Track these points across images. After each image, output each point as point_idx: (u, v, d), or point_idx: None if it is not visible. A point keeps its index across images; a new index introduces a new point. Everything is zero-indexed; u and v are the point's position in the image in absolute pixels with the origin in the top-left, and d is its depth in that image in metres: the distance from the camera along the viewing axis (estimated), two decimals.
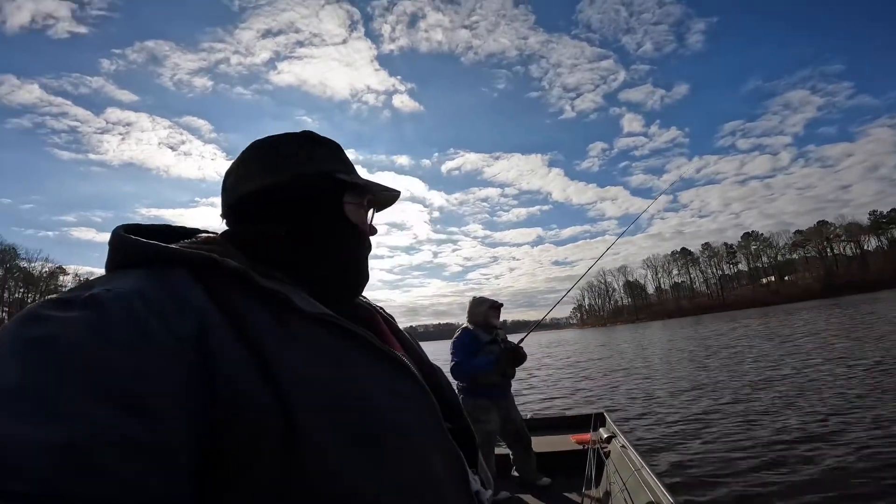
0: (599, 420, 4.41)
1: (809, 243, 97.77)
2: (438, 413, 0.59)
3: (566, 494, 3.41)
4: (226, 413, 0.43)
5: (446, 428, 0.59)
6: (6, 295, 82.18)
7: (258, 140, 0.70)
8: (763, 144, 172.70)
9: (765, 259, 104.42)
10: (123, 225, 0.57)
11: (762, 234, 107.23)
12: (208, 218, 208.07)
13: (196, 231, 0.68)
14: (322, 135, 0.74)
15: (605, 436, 3.85)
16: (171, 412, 0.40)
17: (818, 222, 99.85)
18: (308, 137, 0.72)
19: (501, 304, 3.64)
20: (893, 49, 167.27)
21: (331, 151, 0.72)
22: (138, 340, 0.41)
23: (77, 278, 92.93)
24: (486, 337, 3.47)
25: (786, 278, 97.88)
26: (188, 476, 0.40)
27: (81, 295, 0.44)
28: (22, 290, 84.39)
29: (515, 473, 3.66)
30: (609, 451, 3.52)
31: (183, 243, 0.59)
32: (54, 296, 0.45)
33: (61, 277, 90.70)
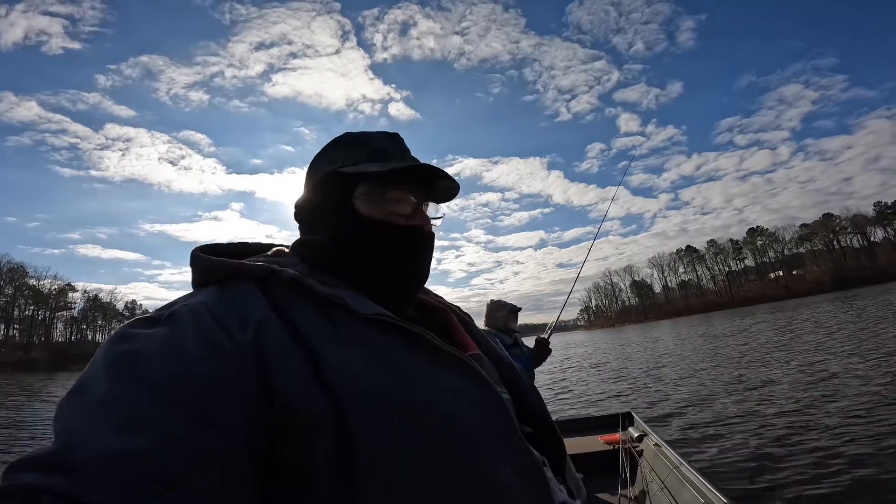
0: (627, 419, 4.34)
1: (816, 237, 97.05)
2: (510, 417, 0.55)
3: (600, 495, 3.31)
4: (282, 420, 0.45)
5: (521, 433, 0.56)
6: (16, 313, 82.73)
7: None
8: (761, 140, 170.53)
9: (771, 254, 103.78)
10: (200, 246, 0.62)
11: (767, 228, 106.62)
12: (213, 232, 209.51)
13: (271, 246, 0.72)
14: (375, 131, 0.72)
15: (636, 435, 3.77)
16: (234, 421, 0.43)
17: (823, 215, 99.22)
18: (332, 141, 0.72)
19: (520, 309, 3.61)
20: (885, 41, 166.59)
21: (350, 147, 0.70)
22: (205, 351, 0.45)
23: (86, 295, 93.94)
24: (509, 340, 3.43)
25: (794, 272, 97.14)
26: (252, 485, 0.42)
27: (165, 312, 0.50)
28: (32, 307, 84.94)
29: None
30: (642, 450, 3.44)
31: (252, 258, 0.62)
32: (146, 314, 0.51)
33: (70, 294, 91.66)
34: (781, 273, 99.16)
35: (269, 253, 0.68)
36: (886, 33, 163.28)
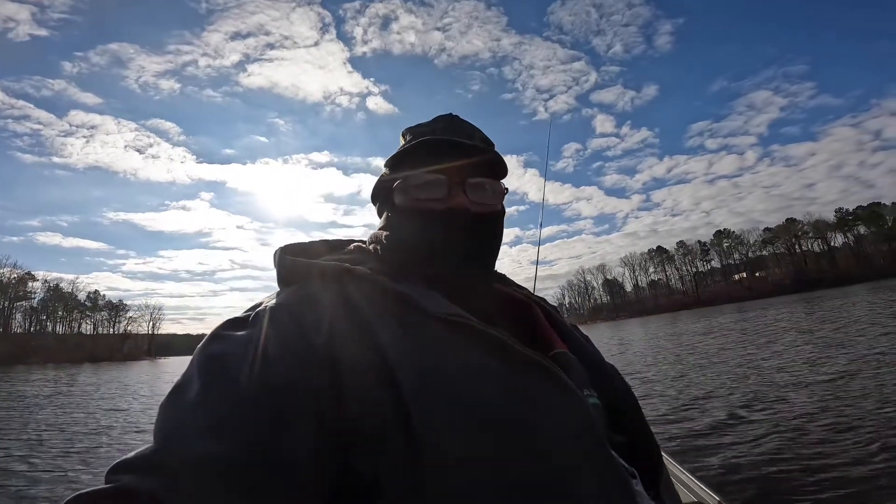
0: None
1: (779, 240, 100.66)
2: (594, 425, 0.51)
3: None
4: (353, 424, 0.45)
5: (607, 441, 0.51)
6: None
7: None
8: (730, 144, 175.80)
9: (737, 256, 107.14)
10: (283, 246, 0.62)
11: (733, 231, 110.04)
12: (180, 222, 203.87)
13: (352, 241, 0.72)
14: (416, 124, 0.72)
15: None
16: (307, 426, 0.44)
17: (786, 220, 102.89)
18: (403, 132, 0.73)
19: None
20: (854, 49, 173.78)
21: (413, 135, 0.69)
22: (283, 354, 0.47)
23: (46, 284, 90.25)
24: None
25: (757, 274, 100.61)
26: (324, 489, 0.44)
27: (251, 313, 0.52)
28: None
29: None
30: None
31: (329, 256, 0.63)
32: (236, 315, 0.53)
33: (30, 284, 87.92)
34: (745, 275, 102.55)
35: (351, 247, 0.68)
36: (854, 42, 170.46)
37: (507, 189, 0.69)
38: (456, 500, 0.43)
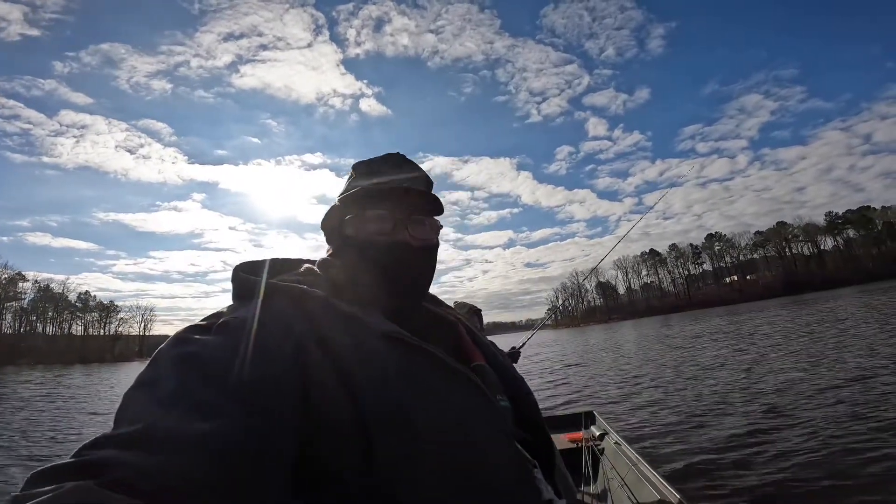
0: (589, 418, 4.50)
1: (769, 243, 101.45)
2: (506, 426, 0.63)
3: None
4: (316, 421, 0.53)
5: (514, 438, 0.64)
6: None
7: None
8: (721, 148, 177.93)
9: (728, 259, 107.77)
10: (240, 264, 0.70)
11: (725, 234, 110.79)
12: (172, 223, 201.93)
13: (303, 261, 0.80)
14: (376, 156, 0.82)
15: (598, 433, 3.93)
16: (285, 416, 0.50)
17: (777, 223, 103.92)
18: (354, 166, 0.83)
19: (480, 310, 3.77)
20: (843, 53, 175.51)
21: (363, 172, 0.79)
22: (260, 356, 0.53)
23: (37, 285, 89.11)
24: None
25: (748, 277, 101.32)
26: (292, 471, 0.50)
27: (215, 322, 0.57)
28: None
29: None
30: (603, 448, 3.60)
31: (283, 276, 0.70)
32: (197, 322, 0.58)
33: (21, 284, 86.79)
34: (736, 277, 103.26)
35: (301, 270, 0.75)
36: (844, 46, 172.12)
37: (441, 225, 0.79)
38: (402, 488, 0.51)
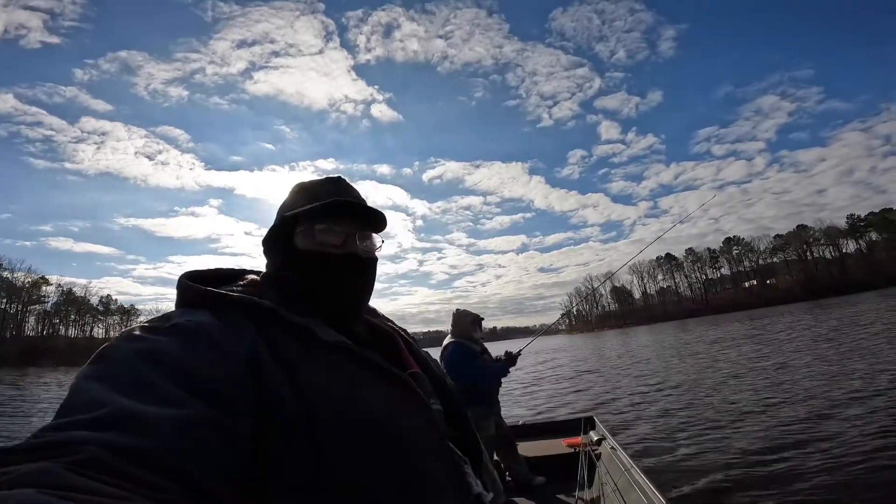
0: (589, 424, 4.52)
1: (790, 247, 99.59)
2: (437, 422, 0.70)
3: (559, 496, 3.51)
4: (266, 415, 0.56)
5: (446, 436, 0.71)
6: None
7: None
8: (738, 150, 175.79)
9: (747, 263, 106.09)
10: (186, 273, 0.72)
11: (743, 238, 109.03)
12: (189, 228, 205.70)
13: (244, 272, 0.83)
14: (317, 178, 0.86)
15: (596, 438, 3.95)
16: (241, 408, 0.53)
17: (797, 226, 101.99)
18: (295, 187, 0.86)
19: (483, 318, 3.83)
20: (860, 53, 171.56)
21: (297, 194, 0.83)
22: (217, 354, 0.56)
23: (59, 289, 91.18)
24: (477, 349, 3.65)
25: (768, 282, 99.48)
26: (246, 461, 0.52)
27: (165, 324, 0.59)
28: (4, 299, 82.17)
29: (509, 478, 3.74)
30: (600, 454, 3.63)
31: (231, 287, 0.73)
32: (142, 323, 0.59)
33: (44, 288, 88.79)
34: (755, 282, 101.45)
35: (245, 281, 0.78)
36: (861, 46, 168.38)
37: (383, 241, 0.85)
38: (347, 479, 0.57)
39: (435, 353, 3.73)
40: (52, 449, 0.39)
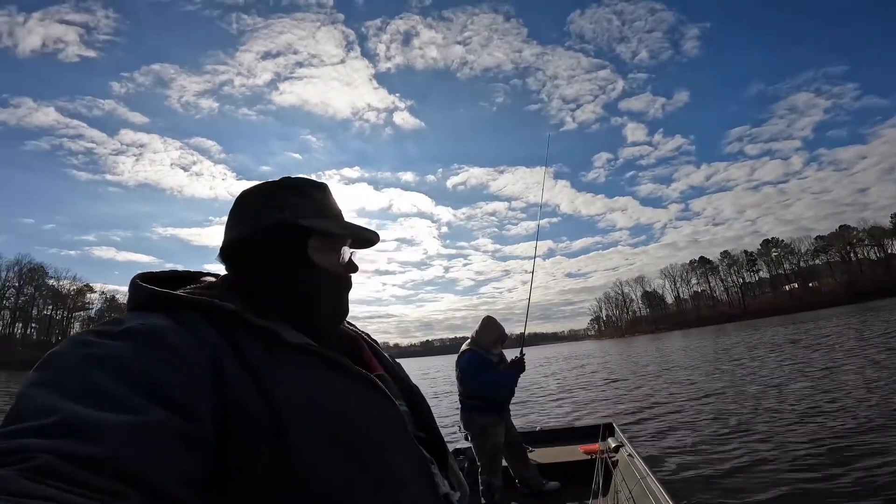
0: (608, 430, 4.46)
1: (832, 248, 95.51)
2: (405, 422, 0.70)
3: (574, 503, 3.46)
4: (231, 419, 0.54)
5: (413, 435, 0.71)
6: (35, 312, 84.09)
7: (245, 189, 0.80)
8: (772, 149, 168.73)
9: (787, 265, 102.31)
10: (139, 274, 0.70)
11: (783, 240, 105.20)
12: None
13: (200, 274, 0.81)
14: (308, 179, 0.82)
15: (613, 445, 3.89)
16: (201, 412, 0.51)
17: (840, 227, 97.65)
18: (284, 185, 0.79)
19: (507, 338, 3.84)
20: (894, 49, 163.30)
21: (307, 197, 0.79)
22: (174, 358, 0.53)
23: (104, 296, 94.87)
24: (494, 358, 3.65)
25: (809, 284, 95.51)
26: (209, 466, 0.51)
27: (116, 328, 0.55)
28: (50, 307, 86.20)
29: (518, 485, 3.71)
30: (617, 461, 3.58)
31: (189, 289, 0.71)
32: (92, 328, 0.56)
33: (88, 295, 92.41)
34: (796, 285, 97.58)
35: (202, 283, 0.76)
36: (894, 41, 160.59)
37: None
38: (316, 476, 0.56)
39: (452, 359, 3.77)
40: (2, 457, 0.38)
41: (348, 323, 0.93)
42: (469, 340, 3.73)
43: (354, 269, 0.81)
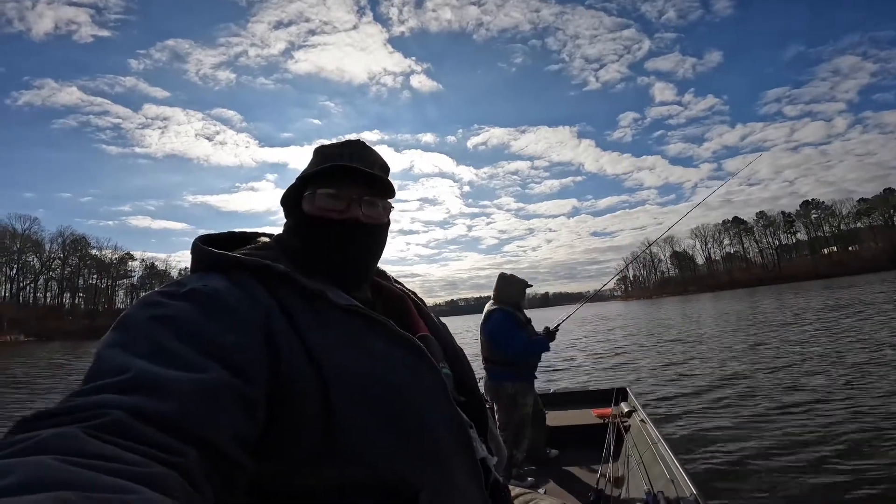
0: (621, 395, 4.41)
1: (875, 212, 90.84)
2: (447, 387, 0.70)
3: (585, 467, 3.47)
4: (283, 384, 0.56)
5: (454, 400, 0.71)
6: (81, 282, 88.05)
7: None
8: (813, 111, 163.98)
9: (826, 228, 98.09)
10: (200, 237, 0.73)
11: (823, 202, 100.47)
12: (250, 202, 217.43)
13: (257, 235, 0.83)
14: (331, 142, 0.84)
15: (626, 410, 3.85)
16: (257, 374, 0.54)
17: (884, 190, 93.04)
18: (316, 149, 0.84)
19: (531, 285, 3.66)
20: None
21: (319, 154, 0.82)
22: (232, 319, 0.56)
23: (143, 263, 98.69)
24: (523, 318, 3.50)
25: (850, 248, 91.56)
26: (260, 428, 0.53)
27: (181, 289, 0.59)
28: (95, 276, 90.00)
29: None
30: (629, 426, 3.54)
31: (244, 250, 0.73)
32: (158, 288, 0.60)
33: (130, 263, 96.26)
34: (836, 248, 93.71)
35: (257, 244, 0.78)
36: None
37: (392, 207, 0.84)
38: (358, 439, 0.58)
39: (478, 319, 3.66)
40: (77, 413, 0.40)
41: (396, 281, 0.93)
42: (491, 301, 3.56)
43: (355, 214, 0.77)
